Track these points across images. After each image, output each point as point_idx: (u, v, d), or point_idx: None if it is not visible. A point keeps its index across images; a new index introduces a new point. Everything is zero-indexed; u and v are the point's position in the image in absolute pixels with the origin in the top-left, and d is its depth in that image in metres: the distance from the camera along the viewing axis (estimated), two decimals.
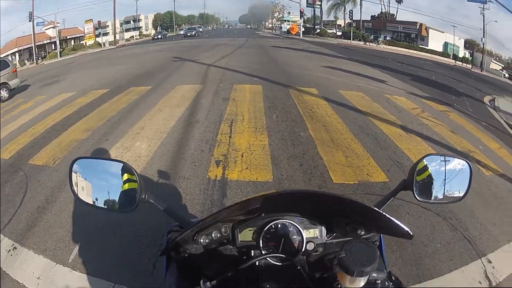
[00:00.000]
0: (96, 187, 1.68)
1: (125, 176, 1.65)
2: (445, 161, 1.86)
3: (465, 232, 4.75)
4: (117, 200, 1.66)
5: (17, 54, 60.85)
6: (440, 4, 48.23)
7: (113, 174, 1.68)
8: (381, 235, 1.72)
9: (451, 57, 42.72)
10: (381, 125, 8.69)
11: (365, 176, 6.02)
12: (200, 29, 66.30)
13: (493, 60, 38.56)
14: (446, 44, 45.86)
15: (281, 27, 74.68)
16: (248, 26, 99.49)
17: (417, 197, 1.74)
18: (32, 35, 56.97)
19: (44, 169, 7.05)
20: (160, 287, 1.59)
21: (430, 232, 4.68)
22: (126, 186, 1.65)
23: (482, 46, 37.98)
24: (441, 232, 4.70)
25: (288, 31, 62.78)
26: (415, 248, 4.33)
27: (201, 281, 1.34)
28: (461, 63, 39.43)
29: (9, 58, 57.04)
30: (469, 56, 42.16)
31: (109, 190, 1.67)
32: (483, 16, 43.13)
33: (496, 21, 37.19)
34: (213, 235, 1.56)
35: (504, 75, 39.15)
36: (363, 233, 1.59)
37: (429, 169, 1.80)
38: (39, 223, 5.12)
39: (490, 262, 4.34)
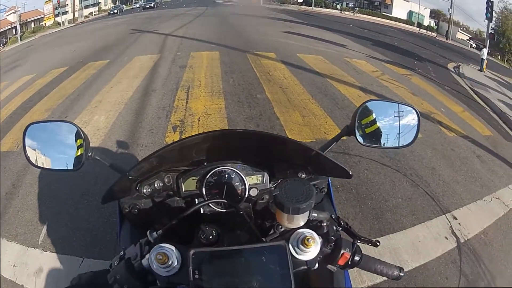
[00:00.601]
0: (49, 150, 1.69)
1: (75, 137, 1.65)
2: (391, 107, 1.80)
3: (427, 189, 4.77)
4: (68, 161, 1.66)
5: None
6: None
7: (64, 136, 1.68)
8: (329, 181, 1.74)
9: (415, 25, 43.47)
10: (339, 86, 8.67)
11: (322, 134, 6.00)
12: (158, 0, 66.15)
13: (459, 30, 39.10)
14: (410, 13, 46.62)
15: None
16: None
17: (360, 142, 1.70)
18: None
19: (8, 155, 6.89)
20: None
21: (390, 187, 4.62)
22: (77, 147, 1.65)
23: (449, 16, 38.41)
24: (401, 187, 4.67)
25: None
26: (375, 203, 4.27)
27: (148, 232, 1.30)
28: (425, 31, 40.07)
29: None
30: (434, 25, 42.78)
31: (61, 152, 1.68)
32: None
33: None
34: (155, 185, 1.59)
35: (471, 45, 39.79)
36: (304, 176, 1.63)
37: (373, 114, 1.74)
38: (8, 209, 5.01)
39: (455, 218, 4.39)
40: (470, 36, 38.70)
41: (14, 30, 59.97)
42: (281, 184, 1.21)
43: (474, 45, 39.29)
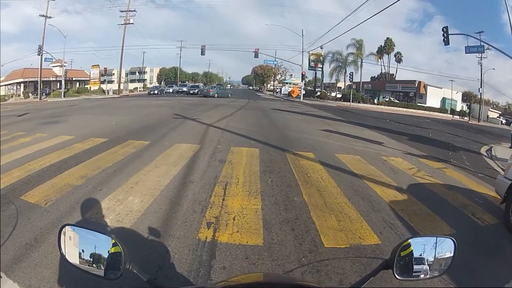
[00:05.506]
0: (83, 252, 1.78)
1: (111, 245, 1.75)
2: (430, 241, 1.89)
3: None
4: (103, 267, 1.75)
5: (22, 85, 63.72)
6: (439, 60, 50.53)
7: (100, 242, 1.78)
8: None
9: (449, 112, 43.95)
10: (376, 188, 8.70)
11: (357, 239, 5.93)
12: (202, 87, 68.07)
13: (490, 109, 39.59)
14: (443, 100, 47.49)
15: (281, 90, 76.92)
16: (250, 87, 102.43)
17: (397, 276, 1.75)
18: (39, 70, 60.57)
19: (35, 207, 7.18)
20: None
21: None
22: (112, 255, 1.75)
23: (479, 96, 38.98)
24: None
25: (289, 94, 64.71)
26: None
27: None
28: (458, 117, 40.74)
29: (14, 87, 59.92)
30: (466, 108, 43.47)
31: (95, 257, 1.77)
32: (481, 65, 44.41)
33: (494, 68, 38.05)
34: None
35: (501, 121, 40.08)
36: None
37: (412, 250, 1.82)
38: (25, 259, 5.18)
39: None
40: (500, 113, 39.07)
41: (58, 84, 63.56)
42: None
43: (504, 121, 39.66)
